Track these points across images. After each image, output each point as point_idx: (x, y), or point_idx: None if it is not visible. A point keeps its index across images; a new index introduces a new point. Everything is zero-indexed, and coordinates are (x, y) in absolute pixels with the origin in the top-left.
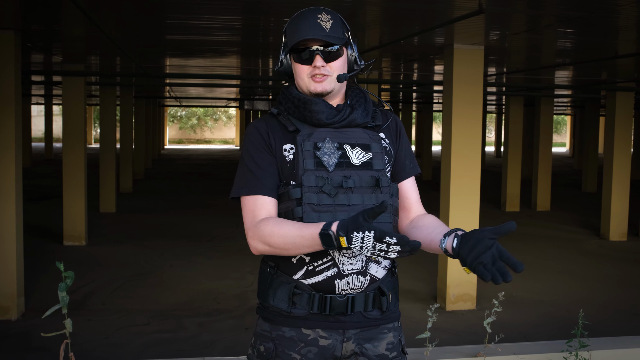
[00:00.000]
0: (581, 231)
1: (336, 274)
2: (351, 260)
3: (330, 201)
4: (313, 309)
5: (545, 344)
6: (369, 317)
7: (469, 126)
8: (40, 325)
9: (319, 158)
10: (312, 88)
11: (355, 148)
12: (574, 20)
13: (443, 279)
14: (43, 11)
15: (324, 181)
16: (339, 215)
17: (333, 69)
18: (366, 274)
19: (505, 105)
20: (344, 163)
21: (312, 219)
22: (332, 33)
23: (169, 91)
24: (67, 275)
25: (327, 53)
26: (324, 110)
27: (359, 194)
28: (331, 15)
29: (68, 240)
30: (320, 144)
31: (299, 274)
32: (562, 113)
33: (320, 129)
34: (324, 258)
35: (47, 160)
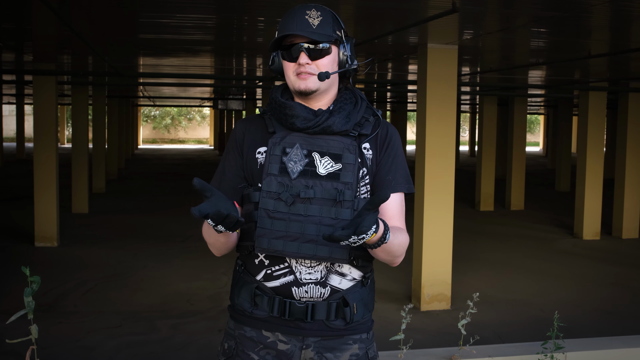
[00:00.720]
0: (555, 230)
1: (293, 281)
2: (309, 270)
3: (286, 209)
4: (273, 312)
5: (520, 346)
6: (331, 327)
7: (443, 126)
8: (10, 329)
9: (284, 164)
10: (296, 86)
11: (324, 157)
12: (547, 19)
13: (417, 279)
14: (13, 9)
15: (284, 188)
16: (292, 225)
17: (319, 67)
18: (326, 285)
19: (479, 104)
20: (309, 172)
21: (265, 225)
22: (319, 30)
23: (142, 91)
24: (33, 280)
25: (313, 50)
26: (299, 115)
27: (317, 206)
28: (322, 12)
29: (39, 241)
30: (289, 150)
31: (259, 275)
32: (536, 112)
33: (294, 133)
34: (280, 264)
35: (18, 160)
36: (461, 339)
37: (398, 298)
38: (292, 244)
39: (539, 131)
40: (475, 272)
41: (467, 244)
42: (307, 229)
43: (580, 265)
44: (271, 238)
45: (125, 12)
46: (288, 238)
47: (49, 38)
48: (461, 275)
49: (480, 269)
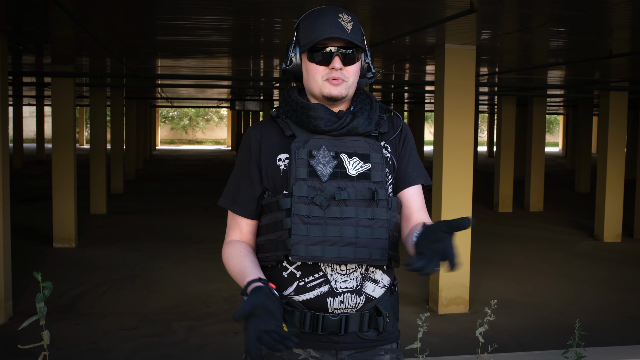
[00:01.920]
0: (575, 232)
1: (328, 291)
2: (345, 277)
3: (322, 213)
4: (305, 327)
5: (540, 354)
6: (364, 338)
7: (461, 127)
8: (28, 330)
9: (312, 167)
10: (326, 91)
11: (352, 158)
12: (567, 19)
13: (435, 282)
14: (31, 13)
15: (316, 192)
16: (329, 229)
17: (349, 74)
18: (361, 293)
19: (498, 105)
20: (339, 173)
21: (301, 232)
22: (352, 35)
23: (160, 92)
24: (45, 286)
25: (346, 56)
26: (323, 117)
27: (353, 207)
28: (351, 17)
29: (58, 242)
30: (315, 152)
31: (289, 289)
32: (555, 113)
33: (317, 136)
34: (315, 274)
35: (38, 161)
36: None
37: (415, 301)
38: (331, 249)
39: (558, 131)
40: (493, 275)
41: (485, 246)
42: (345, 231)
43: (600, 268)
44: (308, 244)
45: (143, 14)
46: (326, 243)
47: (66, 41)
48: (479, 278)
49: (499, 271)
